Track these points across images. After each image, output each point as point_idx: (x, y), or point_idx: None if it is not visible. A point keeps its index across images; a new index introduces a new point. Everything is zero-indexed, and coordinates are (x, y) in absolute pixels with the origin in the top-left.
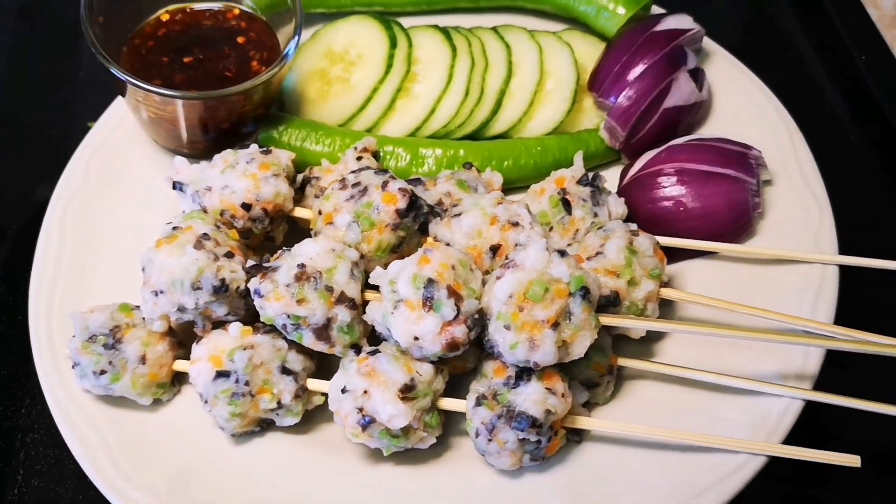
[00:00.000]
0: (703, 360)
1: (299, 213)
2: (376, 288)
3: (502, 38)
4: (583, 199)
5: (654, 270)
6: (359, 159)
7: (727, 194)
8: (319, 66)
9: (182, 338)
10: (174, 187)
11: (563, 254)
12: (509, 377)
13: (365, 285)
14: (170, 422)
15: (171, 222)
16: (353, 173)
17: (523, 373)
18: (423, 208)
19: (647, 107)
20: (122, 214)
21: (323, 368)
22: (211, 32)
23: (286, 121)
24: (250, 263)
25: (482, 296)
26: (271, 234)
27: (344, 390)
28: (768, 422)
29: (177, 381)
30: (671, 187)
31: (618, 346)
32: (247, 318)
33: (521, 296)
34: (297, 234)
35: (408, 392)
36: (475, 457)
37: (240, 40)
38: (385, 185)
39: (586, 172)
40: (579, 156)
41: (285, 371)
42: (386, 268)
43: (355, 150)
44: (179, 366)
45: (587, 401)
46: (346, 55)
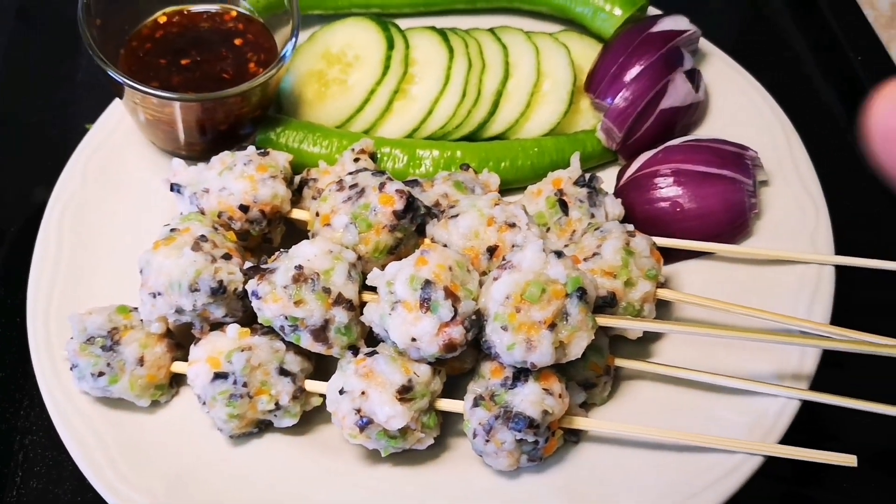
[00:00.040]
0: (700, 361)
1: (297, 214)
2: (374, 289)
3: (499, 39)
4: (579, 200)
5: (650, 271)
6: (356, 161)
7: (724, 195)
8: (317, 68)
9: (180, 339)
10: (172, 189)
11: (559, 255)
12: (506, 378)
13: (362, 287)
14: (168, 423)
15: (169, 224)
16: (351, 175)
17: (520, 373)
18: (420, 209)
19: (643, 108)
20: (120, 216)
21: (321, 370)
22: (208, 34)
23: (283, 122)
24: (248, 265)
25: (479, 297)
26: (269, 236)
27: (342, 391)
28: (765, 422)
29: (175, 383)
30: (668, 188)
31: (615, 347)
32: (245, 320)
33: (518, 297)
34: (295, 236)
35: (405, 393)
36: (473, 457)
37: (237, 42)
38: (382, 187)
39: (583, 173)
40: (576, 157)
41: (283, 372)
42: (383, 269)
43: (352, 151)
44: (177, 367)
45: (584, 401)
46: (343, 57)
